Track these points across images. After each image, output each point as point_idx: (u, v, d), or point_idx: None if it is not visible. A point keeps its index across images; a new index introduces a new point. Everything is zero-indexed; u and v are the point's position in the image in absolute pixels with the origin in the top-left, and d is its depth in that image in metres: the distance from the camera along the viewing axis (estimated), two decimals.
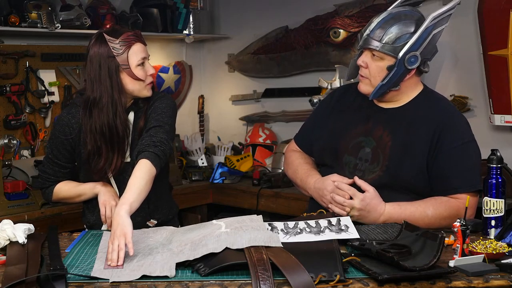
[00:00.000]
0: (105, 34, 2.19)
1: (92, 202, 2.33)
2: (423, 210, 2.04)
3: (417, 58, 2.09)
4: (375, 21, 2.13)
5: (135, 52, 2.20)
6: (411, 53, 2.08)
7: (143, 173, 1.99)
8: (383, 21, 2.12)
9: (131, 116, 2.29)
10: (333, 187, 2.10)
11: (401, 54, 2.07)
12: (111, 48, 2.18)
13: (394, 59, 2.09)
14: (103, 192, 2.25)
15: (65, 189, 2.33)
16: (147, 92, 2.25)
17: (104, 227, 2.29)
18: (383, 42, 2.09)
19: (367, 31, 2.13)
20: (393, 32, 2.09)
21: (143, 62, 2.22)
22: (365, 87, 2.19)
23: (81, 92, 2.32)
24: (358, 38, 2.20)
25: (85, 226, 2.42)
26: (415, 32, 2.08)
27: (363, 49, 2.16)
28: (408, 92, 2.19)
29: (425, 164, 2.09)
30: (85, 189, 2.30)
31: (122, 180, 2.27)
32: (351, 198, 2.06)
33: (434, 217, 2.04)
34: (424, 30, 2.07)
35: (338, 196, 2.07)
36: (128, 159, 2.27)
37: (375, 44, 2.10)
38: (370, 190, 2.06)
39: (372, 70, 2.14)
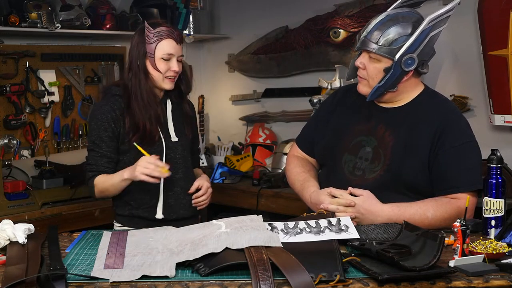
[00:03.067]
0: (146, 22, 2.37)
1: (122, 198, 2.43)
2: (423, 213, 2.04)
3: (414, 60, 2.09)
4: (373, 22, 2.13)
5: (163, 46, 2.36)
6: (407, 55, 2.07)
7: None
8: (381, 23, 2.12)
9: (169, 104, 2.49)
10: (330, 200, 2.09)
11: (397, 56, 2.07)
12: (146, 35, 2.36)
13: (391, 61, 2.09)
14: (130, 169, 2.31)
15: (102, 180, 2.38)
16: (166, 85, 2.42)
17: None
18: (380, 44, 2.09)
19: (364, 33, 2.13)
20: (390, 34, 2.09)
21: (170, 58, 2.37)
22: (363, 88, 2.19)
23: (116, 84, 2.48)
24: (357, 39, 2.20)
25: (115, 223, 2.50)
26: (412, 33, 2.08)
27: (361, 50, 2.17)
28: (408, 93, 2.19)
29: (426, 163, 2.09)
30: (115, 176, 2.36)
31: (170, 160, 2.41)
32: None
33: (434, 219, 2.04)
34: (421, 32, 2.06)
35: (332, 205, 2.07)
36: (176, 139, 2.45)
37: (372, 46, 2.10)
38: (363, 193, 2.07)
39: (370, 71, 2.14)
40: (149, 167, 2.24)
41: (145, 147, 2.35)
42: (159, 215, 2.40)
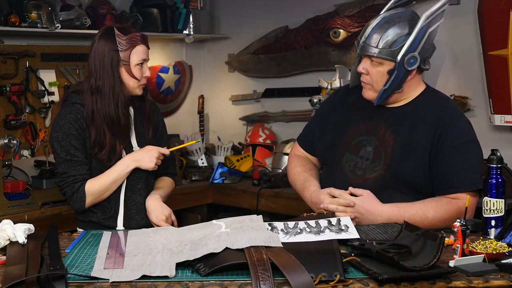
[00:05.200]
0: (115, 29, 2.29)
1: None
2: (423, 213, 2.04)
3: (416, 58, 2.09)
4: (370, 27, 2.13)
5: (138, 52, 2.31)
6: (409, 55, 2.08)
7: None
8: (378, 26, 2.12)
9: (131, 110, 2.40)
10: (329, 200, 2.10)
11: (399, 57, 2.07)
12: (117, 42, 2.28)
13: (393, 63, 2.09)
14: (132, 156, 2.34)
15: (96, 180, 2.29)
16: (139, 91, 2.37)
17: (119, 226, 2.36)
18: (380, 47, 2.09)
19: (363, 38, 2.13)
20: (388, 36, 2.09)
21: (142, 63, 2.33)
22: (368, 93, 2.19)
23: (75, 91, 2.36)
24: (356, 45, 2.20)
25: (79, 230, 2.40)
26: (410, 33, 2.08)
27: (361, 56, 2.16)
28: (411, 92, 2.20)
29: (427, 163, 2.09)
30: (117, 166, 2.30)
31: (132, 170, 2.34)
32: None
33: (435, 219, 2.04)
34: (419, 31, 2.07)
35: (331, 205, 2.07)
36: (137, 149, 2.38)
37: (373, 50, 2.10)
38: (363, 193, 2.07)
39: (373, 75, 2.14)
40: (161, 158, 2.36)
41: (103, 159, 2.29)
42: (120, 227, 2.35)
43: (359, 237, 1.82)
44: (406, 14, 2.14)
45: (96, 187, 2.29)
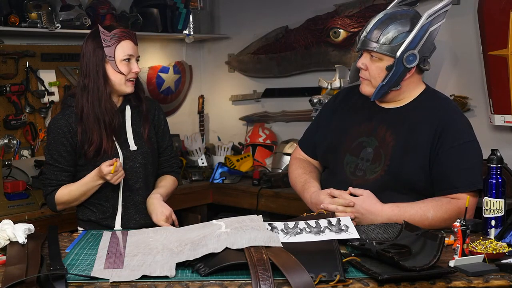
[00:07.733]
0: (99, 26, 2.31)
1: (90, 200, 2.37)
2: (423, 213, 2.04)
3: (416, 56, 2.09)
4: (372, 22, 2.14)
5: (122, 48, 2.31)
6: (409, 52, 2.08)
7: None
8: (379, 22, 2.13)
9: (128, 110, 2.40)
10: (329, 200, 2.10)
11: (398, 53, 2.08)
12: (102, 39, 2.29)
13: (393, 59, 2.09)
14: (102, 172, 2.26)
15: (66, 191, 2.33)
16: (128, 89, 2.35)
17: (117, 226, 2.37)
18: (380, 42, 2.10)
19: (364, 33, 2.14)
20: (389, 32, 2.10)
21: (129, 59, 2.32)
22: (366, 88, 2.19)
23: (71, 94, 2.39)
24: (356, 40, 2.21)
25: (80, 229, 2.42)
26: (411, 30, 2.08)
27: (361, 51, 2.17)
28: (410, 92, 2.19)
29: (427, 163, 2.09)
30: (86, 181, 2.30)
31: (129, 169, 2.37)
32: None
33: (435, 219, 2.04)
34: (420, 28, 2.07)
35: (331, 205, 2.07)
36: (135, 148, 2.38)
37: (373, 45, 2.11)
38: (363, 193, 2.07)
39: (372, 71, 2.14)
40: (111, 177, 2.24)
41: (100, 158, 2.30)
42: (118, 226, 2.36)
43: (359, 237, 1.82)
44: (408, 12, 2.15)
45: (66, 197, 2.34)
